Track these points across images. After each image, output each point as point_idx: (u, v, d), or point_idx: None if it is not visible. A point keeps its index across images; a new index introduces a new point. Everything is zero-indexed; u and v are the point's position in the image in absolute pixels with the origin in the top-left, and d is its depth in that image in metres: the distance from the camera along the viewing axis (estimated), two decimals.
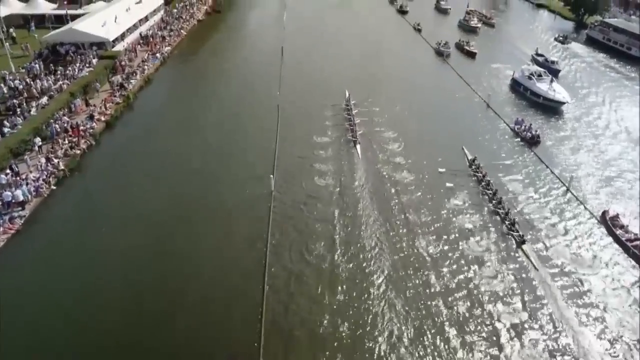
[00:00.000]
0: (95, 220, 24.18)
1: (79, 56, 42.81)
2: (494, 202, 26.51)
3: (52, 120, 31.66)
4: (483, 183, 28.23)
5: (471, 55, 52.69)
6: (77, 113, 34.26)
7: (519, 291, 20.66)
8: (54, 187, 26.86)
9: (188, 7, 66.48)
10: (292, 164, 29.60)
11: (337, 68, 47.90)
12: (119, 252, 22.06)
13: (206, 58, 51.22)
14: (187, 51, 52.83)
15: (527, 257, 22.59)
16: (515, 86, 43.26)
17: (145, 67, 44.35)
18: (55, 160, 28.28)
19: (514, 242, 23.68)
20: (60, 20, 52.46)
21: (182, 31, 57.06)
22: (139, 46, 49.64)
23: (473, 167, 29.95)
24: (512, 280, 21.29)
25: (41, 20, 53.63)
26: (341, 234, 23.79)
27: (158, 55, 47.78)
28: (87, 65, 41.07)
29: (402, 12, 74.38)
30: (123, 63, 43.21)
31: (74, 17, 51.56)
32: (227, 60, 49.91)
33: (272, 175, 27.11)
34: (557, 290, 20.82)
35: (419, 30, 63.15)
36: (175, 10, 63.55)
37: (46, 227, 24.13)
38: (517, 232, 23.95)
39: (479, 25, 64.55)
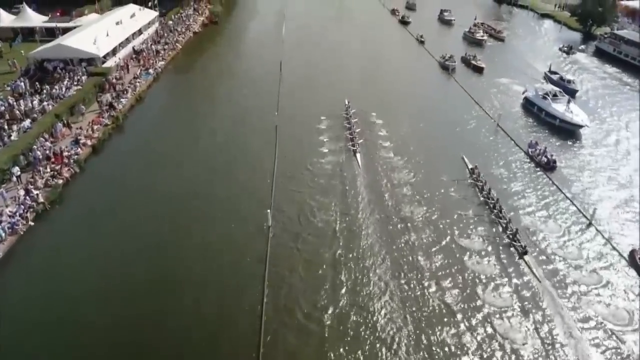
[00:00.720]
0: (75, 264, 21.88)
1: (67, 73, 40.65)
2: (494, 211, 26.16)
3: (35, 147, 29.49)
4: (484, 192, 27.83)
5: (478, 70, 50.44)
6: (58, 139, 31.92)
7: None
8: (32, 223, 24.59)
9: (184, 18, 64.49)
10: (290, 196, 27.32)
11: (337, 83, 45.78)
12: (103, 298, 19.93)
13: (202, 73, 49.15)
14: (181, 66, 50.76)
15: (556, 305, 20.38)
16: (528, 105, 40.78)
17: (137, 83, 42.14)
18: (35, 192, 26.02)
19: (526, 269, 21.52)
20: (51, 33, 50.53)
21: (177, 44, 54.91)
22: (131, 61, 47.45)
23: (473, 176, 29.10)
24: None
25: (30, 33, 51.58)
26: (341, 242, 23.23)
27: (151, 70, 45.63)
28: (76, 83, 38.90)
29: (404, 23, 72.55)
30: (113, 81, 40.98)
31: (65, 30, 49.62)
32: (223, 76, 47.75)
33: (268, 210, 24.84)
34: None
35: (422, 42, 61.26)
36: (170, 22, 61.59)
37: (21, 271, 21.79)
38: (519, 243, 23.54)
39: (485, 37, 62.43)
